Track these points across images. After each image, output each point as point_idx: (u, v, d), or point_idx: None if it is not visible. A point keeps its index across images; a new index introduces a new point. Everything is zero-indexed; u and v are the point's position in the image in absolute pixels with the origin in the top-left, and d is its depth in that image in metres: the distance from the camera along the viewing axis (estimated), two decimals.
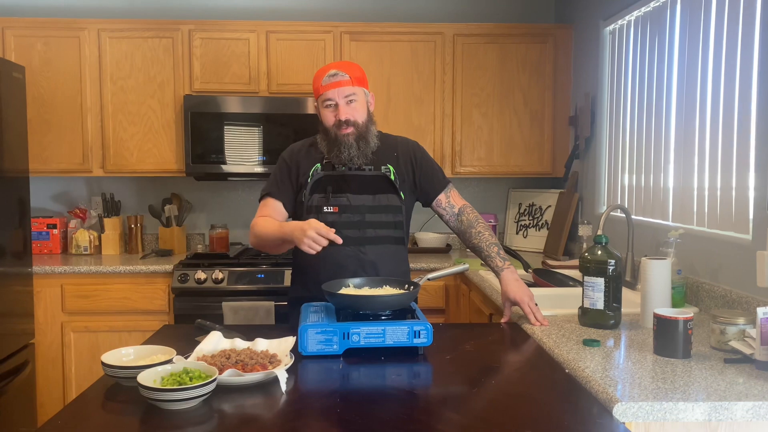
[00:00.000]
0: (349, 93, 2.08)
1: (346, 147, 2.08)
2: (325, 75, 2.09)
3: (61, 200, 3.94)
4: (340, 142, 2.08)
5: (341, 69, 2.09)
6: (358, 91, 2.09)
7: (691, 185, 2.44)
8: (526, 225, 3.96)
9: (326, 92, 2.07)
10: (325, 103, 2.09)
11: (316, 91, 2.12)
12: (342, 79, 2.07)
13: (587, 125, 3.45)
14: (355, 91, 2.09)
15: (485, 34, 3.66)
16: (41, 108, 3.53)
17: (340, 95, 2.07)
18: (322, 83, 2.08)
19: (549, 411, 1.40)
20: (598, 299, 1.95)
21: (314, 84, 2.13)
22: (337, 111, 2.07)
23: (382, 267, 2.12)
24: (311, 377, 1.61)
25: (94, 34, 3.54)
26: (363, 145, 2.10)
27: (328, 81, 2.07)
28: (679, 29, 2.56)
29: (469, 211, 2.23)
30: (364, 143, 2.10)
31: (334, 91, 2.07)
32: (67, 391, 3.33)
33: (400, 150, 2.21)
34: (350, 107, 2.08)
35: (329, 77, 2.07)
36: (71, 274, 3.31)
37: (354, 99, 2.09)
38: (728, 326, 1.72)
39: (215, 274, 3.28)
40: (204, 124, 3.50)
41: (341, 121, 2.07)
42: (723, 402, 1.37)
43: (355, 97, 2.09)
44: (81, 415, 1.38)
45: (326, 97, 2.08)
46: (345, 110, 2.07)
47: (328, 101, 2.08)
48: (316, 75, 2.13)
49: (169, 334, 1.97)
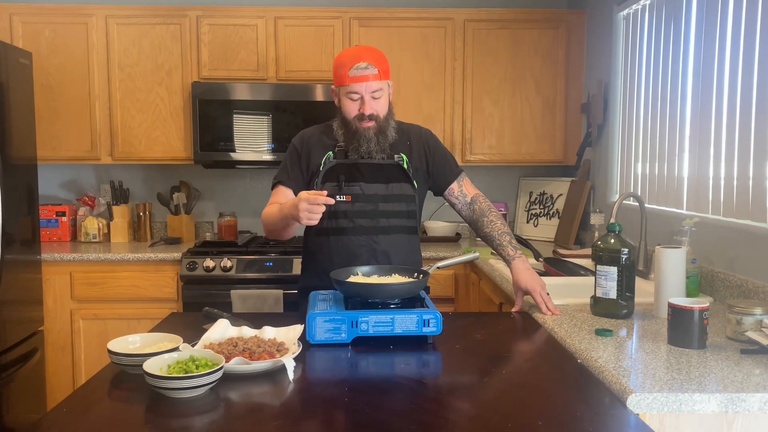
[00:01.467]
0: (376, 88, 2.03)
1: (365, 140, 2.05)
2: (353, 66, 2.00)
3: (70, 188, 3.94)
4: (361, 135, 2.05)
5: (371, 62, 2.01)
6: (383, 85, 2.06)
7: (707, 173, 2.39)
8: (537, 214, 3.92)
9: (352, 84, 2.01)
10: (349, 94, 2.04)
11: (340, 80, 2.04)
12: (371, 73, 2.01)
13: (600, 112, 3.40)
14: (381, 86, 2.04)
15: (496, 19, 3.61)
16: (49, 95, 3.52)
17: (368, 90, 2.02)
18: (348, 74, 2.01)
19: (561, 402, 1.37)
20: (611, 288, 1.91)
21: (337, 70, 2.05)
22: (362, 105, 2.03)
23: (394, 256, 2.10)
24: (319, 366, 1.59)
25: (101, 20, 3.52)
26: (382, 139, 2.07)
27: (356, 74, 2.00)
28: (696, 13, 2.50)
29: (481, 200, 2.21)
30: (383, 137, 2.07)
31: (361, 85, 2.01)
32: (77, 378, 3.34)
33: (413, 138, 2.18)
34: (375, 102, 2.04)
35: (358, 69, 2.00)
36: (80, 262, 3.31)
37: (380, 95, 2.05)
38: (745, 316, 1.68)
39: (224, 262, 3.27)
40: (212, 112, 3.48)
41: (364, 114, 2.03)
42: (739, 393, 1.34)
43: (381, 93, 2.05)
44: (86, 402, 1.37)
45: (352, 90, 2.02)
46: (370, 105, 2.03)
47: (354, 94, 2.03)
48: (340, 61, 2.04)
49: (177, 322, 1.96)
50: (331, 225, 2.10)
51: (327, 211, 2.08)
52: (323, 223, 2.10)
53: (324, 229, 2.10)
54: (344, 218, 2.09)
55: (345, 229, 2.09)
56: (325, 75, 3.56)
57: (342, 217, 2.09)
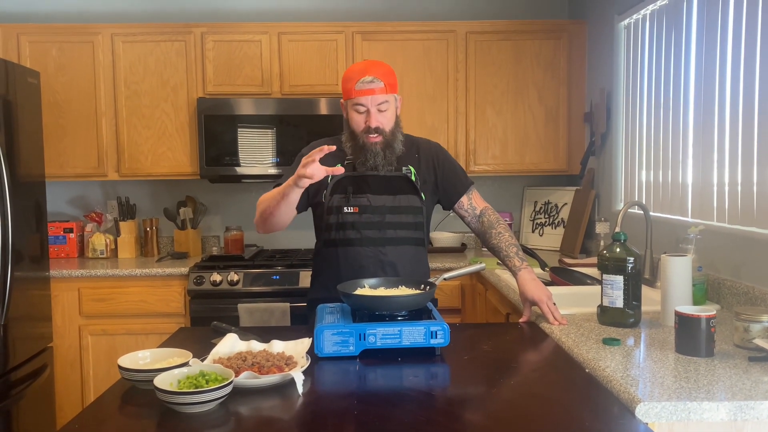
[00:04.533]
0: (382, 101, 2.05)
1: (372, 155, 2.08)
2: (360, 80, 2.03)
3: (78, 204, 3.96)
4: (368, 149, 2.08)
5: (377, 75, 2.04)
6: (390, 99, 2.08)
7: (711, 180, 2.40)
8: (542, 223, 3.93)
9: (358, 98, 2.04)
10: (356, 107, 2.07)
11: (347, 93, 2.08)
12: (377, 86, 2.04)
13: (603, 121, 3.41)
14: (387, 99, 2.07)
15: (498, 31, 3.64)
16: (56, 113, 3.56)
17: (373, 103, 2.05)
18: (355, 87, 2.04)
19: (569, 412, 1.37)
20: (618, 297, 1.92)
21: (345, 84, 2.08)
22: (368, 117, 2.06)
23: (401, 268, 2.11)
24: (328, 379, 1.60)
25: (107, 38, 3.56)
26: (389, 153, 2.09)
27: (362, 87, 2.03)
28: (696, 22, 2.52)
29: (490, 213, 2.23)
30: (390, 151, 2.10)
31: (367, 98, 2.04)
32: (86, 395, 3.35)
33: (422, 151, 2.21)
34: (381, 115, 2.07)
35: (364, 83, 2.03)
36: (88, 278, 3.33)
37: (386, 107, 2.07)
38: (752, 323, 1.68)
39: (230, 276, 3.28)
40: (217, 127, 3.51)
41: (370, 127, 2.06)
42: (748, 401, 1.34)
43: (387, 105, 2.07)
44: (98, 418, 1.38)
45: (358, 102, 2.05)
46: (376, 118, 2.06)
47: (360, 106, 2.06)
48: (349, 75, 2.08)
49: (185, 337, 1.97)
50: (339, 236, 2.12)
51: (335, 223, 2.11)
52: (331, 234, 2.12)
53: (332, 240, 2.13)
54: (352, 229, 2.11)
55: (352, 240, 2.10)
56: (329, 89, 3.59)
57: (349, 228, 2.11)
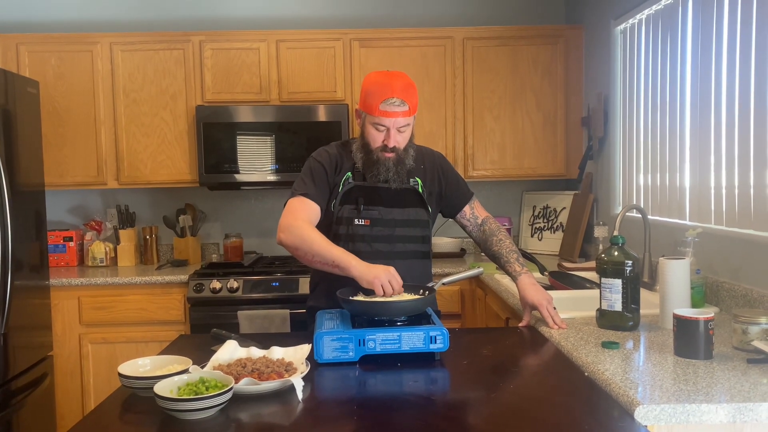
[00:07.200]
0: (404, 124, 2.04)
1: (384, 169, 2.06)
2: (385, 100, 1.99)
3: (77, 213, 3.97)
4: (381, 164, 2.06)
5: (404, 98, 2.00)
6: (410, 120, 2.07)
7: (708, 183, 2.41)
8: (540, 227, 3.93)
9: (381, 118, 2.01)
10: (376, 125, 2.04)
11: (369, 108, 2.02)
12: (402, 110, 2.01)
13: (600, 125, 3.42)
14: (409, 122, 2.06)
15: (495, 37, 3.65)
16: (56, 121, 3.57)
17: (396, 125, 2.03)
18: (379, 107, 2.00)
19: (569, 415, 1.38)
20: (616, 301, 1.92)
21: (367, 98, 2.02)
22: (387, 137, 2.04)
23: (409, 282, 2.08)
24: (327, 385, 1.60)
25: (106, 47, 3.57)
26: (401, 168, 2.09)
27: (387, 108, 2.00)
28: (692, 26, 2.53)
29: (491, 222, 2.26)
30: (402, 166, 2.09)
31: (390, 120, 2.02)
32: (86, 403, 3.35)
33: (428, 162, 2.21)
34: (400, 135, 2.06)
35: (390, 105, 1.99)
36: (88, 286, 3.33)
37: (406, 129, 2.07)
38: (750, 326, 1.68)
39: (230, 283, 3.29)
40: (216, 135, 3.52)
41: (387, 146, 2.05)
42: (747, 403, 1.35)
43: (407, 128, 2.07)
44: (99, 426, 1.38)
45: (379, 122, 2.02)
46: (395, 138, 2.04)
47: (381, 126, 2.04)
48: (371, 89, 2.02)
49: (185, 344, 1.97)
50: (348, 249, 2.00)
51: (344, 234, 2.08)
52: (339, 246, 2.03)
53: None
54: (362, 242, 2.08)
55: (362, 254, 2.00)
56: (328, 96, 3.60)
57: (360, 241, 2.08)
